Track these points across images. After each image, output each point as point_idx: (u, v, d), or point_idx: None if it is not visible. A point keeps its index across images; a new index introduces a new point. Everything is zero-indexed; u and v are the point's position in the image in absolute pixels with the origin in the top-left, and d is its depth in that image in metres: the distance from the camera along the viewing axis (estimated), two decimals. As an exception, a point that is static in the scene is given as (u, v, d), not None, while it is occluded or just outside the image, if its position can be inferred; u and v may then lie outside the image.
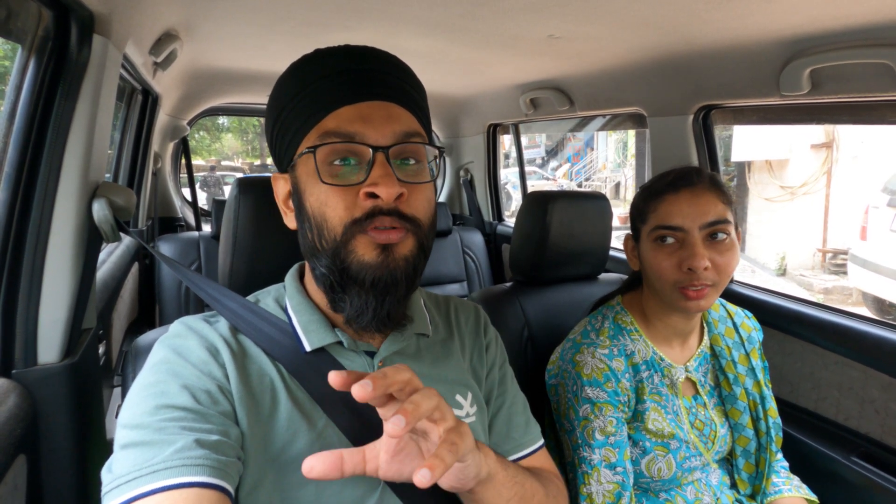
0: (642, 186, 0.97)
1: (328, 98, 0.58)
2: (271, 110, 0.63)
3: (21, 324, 0.83)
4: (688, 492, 0.93)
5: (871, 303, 5.39)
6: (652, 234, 0.89)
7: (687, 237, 0.85)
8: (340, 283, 0.58)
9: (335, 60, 0.60)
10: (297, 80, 0.60)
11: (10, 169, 0.80)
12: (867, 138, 7.19)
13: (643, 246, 0.92)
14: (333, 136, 0.56)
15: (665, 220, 0.87)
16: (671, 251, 0.86)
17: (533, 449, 0.74)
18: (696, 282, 0.83)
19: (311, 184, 0.58)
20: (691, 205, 0.86)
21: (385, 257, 0.56)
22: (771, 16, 1.05)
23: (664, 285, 0.87)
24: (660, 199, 0.89)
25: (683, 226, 0.85)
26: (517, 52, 1.57)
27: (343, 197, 0.56)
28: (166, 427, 0.49)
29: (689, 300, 0.85)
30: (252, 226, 0.77)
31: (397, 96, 0.60)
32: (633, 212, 0.97)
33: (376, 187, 0.54)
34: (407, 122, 0.59)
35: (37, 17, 0.79)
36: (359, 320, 0.58)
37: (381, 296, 0.57)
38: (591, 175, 14.27)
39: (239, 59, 1.82)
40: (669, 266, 0.86)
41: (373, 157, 0.55)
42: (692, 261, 0.82)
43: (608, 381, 0.88)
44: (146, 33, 1.21)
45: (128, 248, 1.77)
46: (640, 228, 0.93)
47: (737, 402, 0.95)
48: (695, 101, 1.49)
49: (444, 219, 2.57)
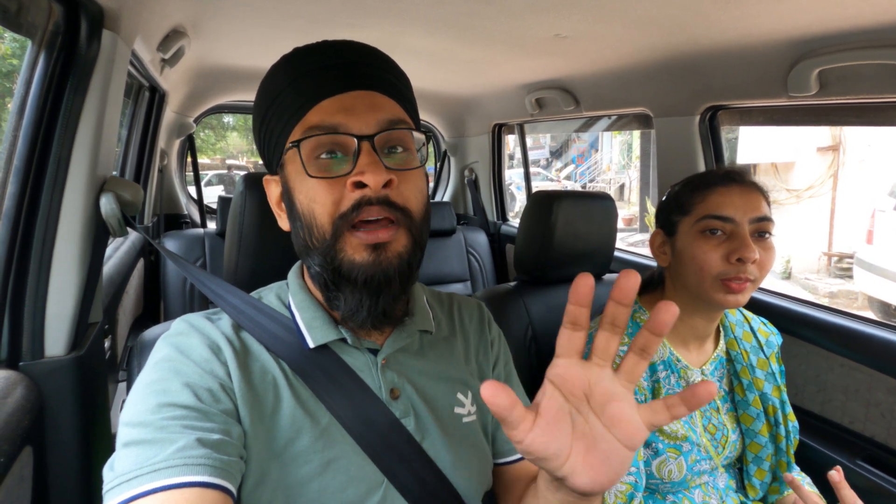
0: (682, 181, 0.95)
1: (310, 93, 0.57)
2: (257, 112, 0.62)
3: (28, 316, 0.84)
4: (695, 495, 0.93)
5: (877, 307, 5.36)
6: (698, 225, 0.88)
7: (737, 229, 0.85)
8: (334, 281, 0.57)
9: (315, 56, 0.59)
10: (279, 79, 0.59)
11: (20, 162, 0.81)
12: (874, 142, 7.15)
13: (683, 239, 0.90)
14: (317, 130, 0.55)
15: (716, 210, 0.86)
16: (718, 242, 0.86)
17: None
18: (742, 274, 0.83)
19: (299, 181, 0.57)
20: (742, 198, 0.86)
21: (377, 256, 0.55)
22: (779, 16, 1.04)
23: (705, 277, 0.86)
24: (710, 190, 0.88)
25: (735, 217, 0.85)
26: (523, 51, 1.57)
27: (331, 190, 0.55)
28: (168, 426, 0.49)
29: (730, 293, 0.84)
30: (258, 222, 0.77)
31: (380, 85, 0.59)
32: (668, 205, 0.95)
33: (363, 175, 0.53)
34: (391, 110, 0.58)
35: (47, 12, 0.80)
36: (354, 318, 0.58)
37: (374, 294, 0.56)
38: (596, 177, 14.24)
39: (245, 56, 1.83)
40: (716, 257, 0.85)
41: (358, 147, 0.54)
42: (744, 251, 0.82)
43: None
44: (154, 30, 1.22)
45: (133, 245, 1.78)
46: (677, 222, 0.92)
47: (749, 409, 0.95)
48: (702, 101, 1.48)
49: (448, 218, 2.57)
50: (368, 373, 0.61)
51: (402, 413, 0.61)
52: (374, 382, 0.61)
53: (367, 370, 0.62)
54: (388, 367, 0.63)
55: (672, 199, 0.95)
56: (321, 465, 0.55)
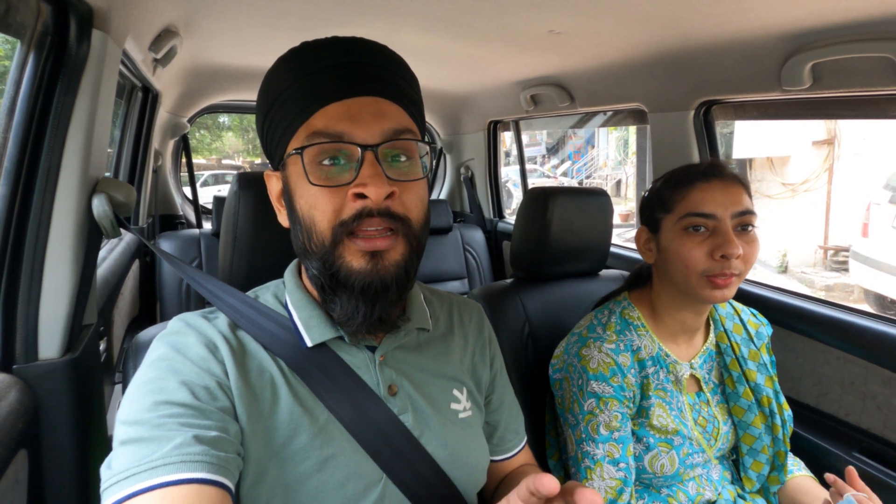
0: (664, 177, 0.95)
1: (317, 94, 0.57)
2: (261, 106, 0.61)
3: (22, 319, 0.83)
4: (689, 487, 0.93)
5: (873, 300, 5.39)
6: (681, 223, 0.87)
7: (719, 225, 0.85)
8: (331, 285, 0.57)
9: (325, 53, 0.58)
10: (285, 75, 0.58)
11: (10, 164, 0.80)
12: (869, 135, 7.18)
13: (666, 236, 0.90)
14: (321, 136, 0.55)
15: (697, 208, 0.86)
16: (701, 239, 0.86)
17: (521, 447, 0.78)
18: (727, 270, 0.83)
19: (300, 185, 0.57)
20: (723, 193, 0.85)
21: (375, 264, 0.55)
22: (772, 10, 1.04)
23: (690, 274, 0.86)
24: (690, 187, 0.88)
25: (716, 213, 0.85)
26: (518, 47, 1.56)
27: (331, 199, 0.55)
28: (165, 423, 0.49)
29: (716, 289, 0.85)
30: (252, 221, 0.77)
31: (388, 91, 0.58)
32: (651, 202, 0.95)
33: (365, 188, 0.53)
34: (397, 119, 0.58)
35: (35, 12, 0.79)
36: (349, 323, 0.58)
37: (370, 301, 0.56)
38: (592, 173, 14.26)
39: (239, 55, 1.82)
40: (700, 254, 0.85)
41: (361, 156, 0.54)
42: (727, 248, 0.82)
43: (614, 376, 0.88)
44: (145, 29, 1.21)
45: (128, 246, 1.77)
46: (661, 219, 0.91)
47: (740, 400, 0.95)
48: (696, 96, 1.48)
49: (444, 216, 2.57)
50: (366, 370, 0.62)
51: (401, 409, 0.61)
52: (371, 379, 0.61)
53: (364, 367, 0.62)
54: (386, 364, 0.63)
55: (654, 196, 0.94)
56: (319, 462, 0.55)
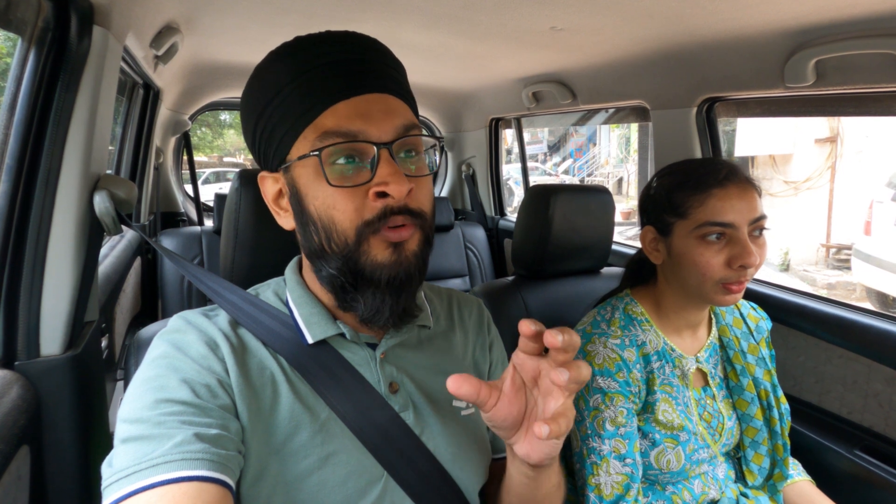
0: (666, 172, 0.93)
1: (321, 92, 0.55)
2: (252, 105, 0.59)
3: (23, 315, 0.83)
4: (695, 485, 0.93)
5: (875, 298, 5.38)
6: (698, 231, 0.85)
7: (736, 233, 0.83)
8: (353, 284, 0.57)
9: (322, 49, 0.57)
10: (281, 73, 0.56)
11: (11, 161, 0.80)
12: (872, 133, 7.15)
13: (680, 242, 0.88)
14: (335, 136, 0.54)
15: (716, 217, 0.84)
16: (719, 248, 0.84)
17: None
18: (743, 278, 0.84)
19: (314, 186, 0.56)
20: (741, 199, 0.84)
21: (398, 255, 0.56)
22: (775, 6, 1.03)
23: (706, 282, 0.85)
24: (706, 194, 0.85)
25: (735, 222, 0.83)
26: (519, 44, 1.56)
27: (352, 198, 0.54)
28: (166, 421, 0.49)
29: (730, 294, 0.85)
30: (254, 218, 0.77)
31: (391, 87, 0.58)
32: (659, 203, 0.92)
33: (387, 186, 0.53)
34: (404, 115, 0.58)
35: (36, 8, 0.79)
36: (375, 319, 0.58)
37: (396, 293, 0.57)
38: (594, 171, 14.24)
39: (240, 52, 1.82)
40: (717, 263, 0.84)
41: (377, 155, 0.54)
42: (746, 258, 0.81)
43: (619, 371, 0.87)
44: (147, 26, 1.21)
45: (130, 243, 1.77)
46: (672, 223, 0.89)
47: (744, 393, 0.95)
48: (698, 93, 1.48)
49: (445, 214, 2.56)
50: (367, 367, 0.62)
51: (402, 407, 0.61)
52: (372, 377, 0.61)
53: (365, 365, 0.62)
54: (387, 362, 0.63)
55: (663, 198, 0.91)
56: (320, 459, 0.56)
